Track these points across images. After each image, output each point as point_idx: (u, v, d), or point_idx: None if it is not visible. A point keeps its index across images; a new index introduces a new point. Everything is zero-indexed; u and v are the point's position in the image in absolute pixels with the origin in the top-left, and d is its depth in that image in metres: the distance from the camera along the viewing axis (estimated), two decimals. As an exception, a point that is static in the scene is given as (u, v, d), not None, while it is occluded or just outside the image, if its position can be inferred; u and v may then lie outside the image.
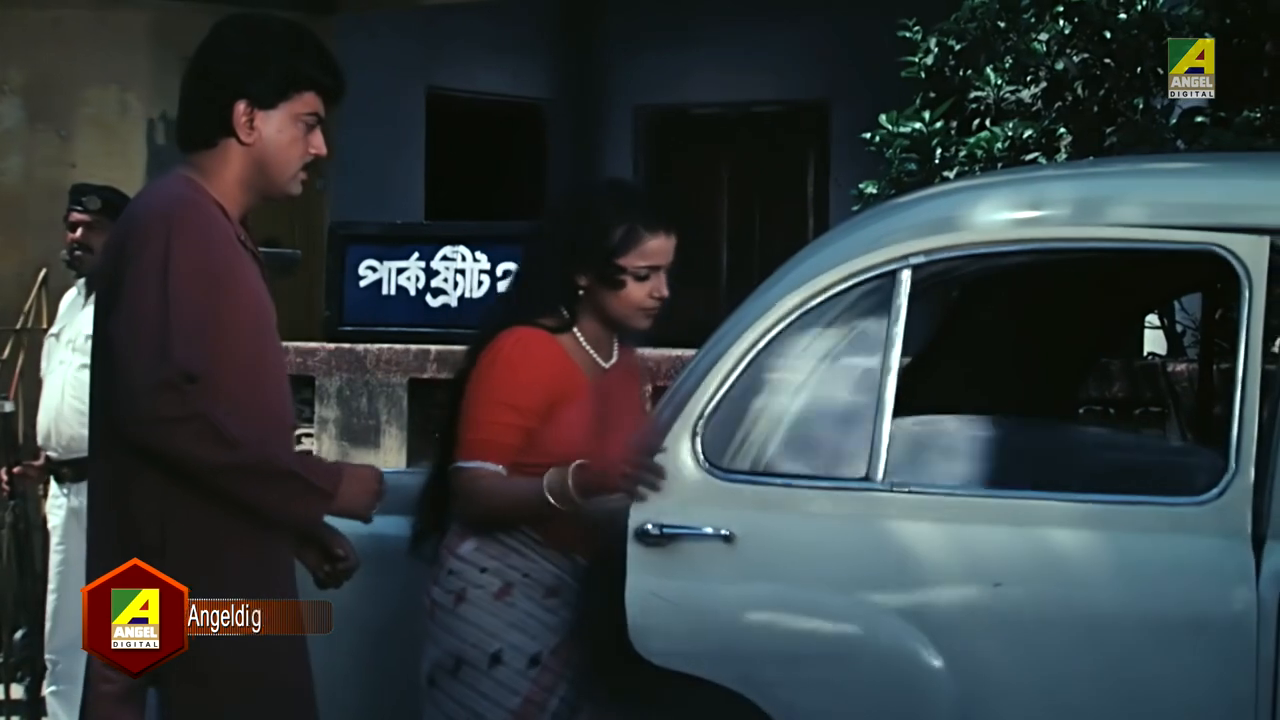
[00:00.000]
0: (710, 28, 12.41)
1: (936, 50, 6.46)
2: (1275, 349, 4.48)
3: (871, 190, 6.34)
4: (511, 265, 7.94)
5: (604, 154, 13.10)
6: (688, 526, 3.41)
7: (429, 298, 7.96)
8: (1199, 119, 6.13)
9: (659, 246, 3.64)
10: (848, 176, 7.89)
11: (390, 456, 7.08)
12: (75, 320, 5.96)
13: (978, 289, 4.47)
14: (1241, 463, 3.28)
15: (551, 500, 3.46)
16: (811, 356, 3.49)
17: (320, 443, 7.19)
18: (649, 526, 3.42)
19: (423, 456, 6.98)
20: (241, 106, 3.26)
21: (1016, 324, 4.47)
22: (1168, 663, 3.27)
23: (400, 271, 8.05)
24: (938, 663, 3.29)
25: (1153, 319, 6.10)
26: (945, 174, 6.12)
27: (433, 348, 7.30)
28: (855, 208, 6.28)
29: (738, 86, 12.51)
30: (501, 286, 7.92)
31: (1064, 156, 6.13)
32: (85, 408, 3.42)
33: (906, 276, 3.41)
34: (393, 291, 8.01)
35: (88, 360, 3.48)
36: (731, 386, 3.44)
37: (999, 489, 3.58)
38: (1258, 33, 6.20)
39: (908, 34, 6.53)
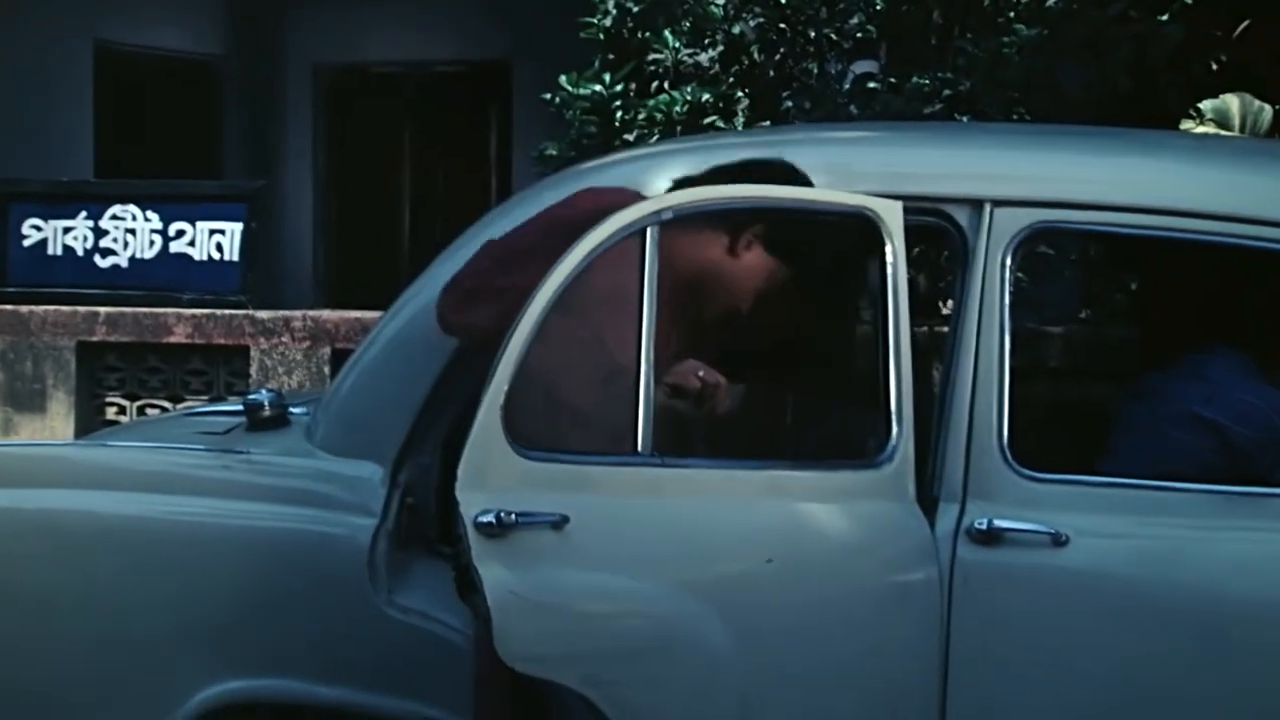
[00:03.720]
0: (390, -15, 12.27)
1: (615, 12, 6.47)
2: (947, 312, 4.58)
3: (552, 152, 6.33)
4: (184, 225, 7.73)
5: (282, 113, 12.84)
6: (518, 513, 3.23)
7: (98, 258, 7.71)
8: (871, 85, 6.27)
9: None
10: (530, 137, 7.87)
11: (57, 422, 6.83)
12: None
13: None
14: (903, 426, 3.35)
15: None
16: (586, 324, 3.38)
17: (-18, 409, 6.91)
18: (484, 516, 3.22)
19: (91, 423, 6.75)
20: None
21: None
22: (860, 631, 3.32)
23: (67, 230, 7.78)
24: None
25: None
26: (625, 136, 6.15)
27: (102, 310, 7.07)
28: (535, 169, 6.28)
29: (419, 45, 12.39)
30: (174, 247, 7.69)
31: (742, 120, 6.21)
32: None
33: (655, 233, 3.33)
34: (59, 251, 7.74)
35: None
36: (524, 362, 3.25)
37: (697, 460, 3.51)
38: (926, 1, 6.35)
39: (588, -6, 6.54)
